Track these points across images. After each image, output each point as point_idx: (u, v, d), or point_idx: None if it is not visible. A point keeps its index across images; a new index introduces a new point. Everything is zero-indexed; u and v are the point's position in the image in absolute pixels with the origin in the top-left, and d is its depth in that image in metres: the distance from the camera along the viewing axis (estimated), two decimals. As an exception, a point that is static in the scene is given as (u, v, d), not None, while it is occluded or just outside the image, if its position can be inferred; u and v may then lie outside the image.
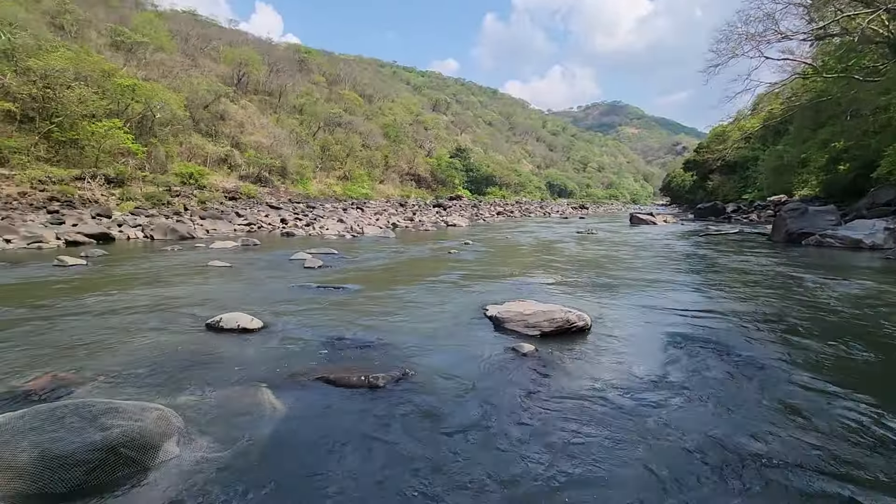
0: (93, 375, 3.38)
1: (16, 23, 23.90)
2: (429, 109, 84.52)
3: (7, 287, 6.60)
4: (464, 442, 2.55)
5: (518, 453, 2.43)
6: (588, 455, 2.42)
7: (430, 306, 5.74)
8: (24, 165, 21.34)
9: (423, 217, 27.68)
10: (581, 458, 2.39)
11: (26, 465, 1.99)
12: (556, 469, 2.29)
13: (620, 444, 2.54)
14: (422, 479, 2.19)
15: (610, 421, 2.79)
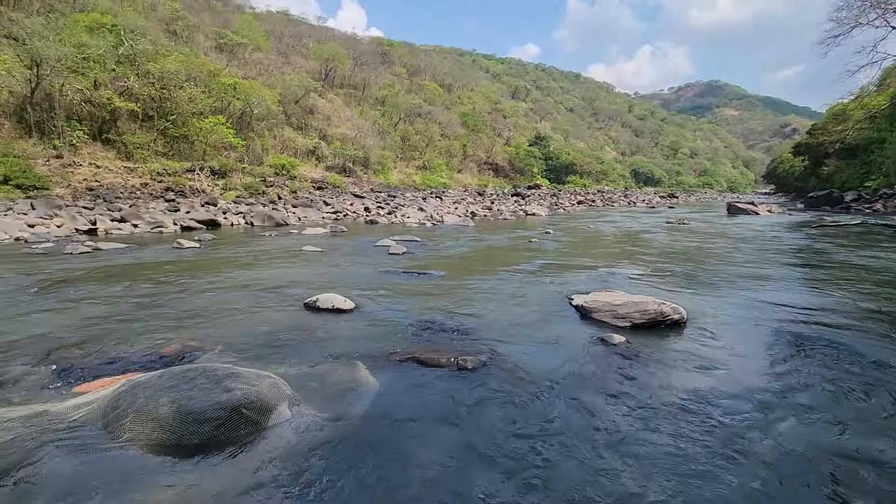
0: (211, 344, 3.76)
1: (137, 30, 26.83)
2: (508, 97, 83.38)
3: (141, 265, 7.52)
4: (549, 437, 2.49)
5: (605, 461, 2.22)
6: (685, 472, 2.17)
7: (513, 294, 5.71)
8: (146, 159, 24.09)
9: (502, 206, 27.49)
10: (677, 476, 2.14)
11: (166, 417, 2.26)
12: (648, 488, 2.05)
13: (724, 460, 2.26)
14: (501, 471, 2.17)
15: (712, 429, 2.53)
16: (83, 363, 3.30)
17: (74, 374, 3.10)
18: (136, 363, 3.34)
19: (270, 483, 2.00)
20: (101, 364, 3.30)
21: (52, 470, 2.02)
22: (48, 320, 4.35)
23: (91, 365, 3.27)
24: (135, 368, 3.21)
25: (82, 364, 3.28)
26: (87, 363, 3.30)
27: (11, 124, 21.20)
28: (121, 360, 3.41)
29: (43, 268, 6.95)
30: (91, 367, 3.22)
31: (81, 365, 3.26)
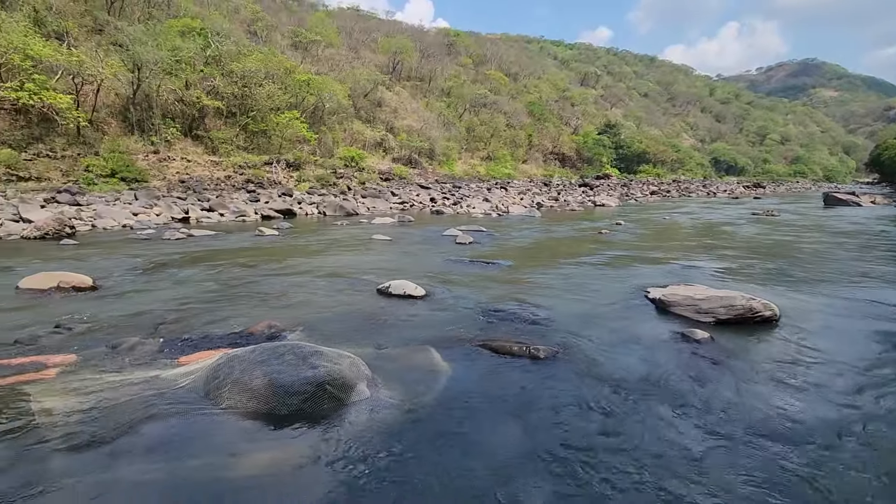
0: (293, 325, 3.99)
1: (222, 33, 28.70)
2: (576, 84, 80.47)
3: (228, 250, 8.12)
4: (621, 438, 2.41)
5: (677, 479, 2.05)
6: (783, 492, 2.03)
7: (584, 285, 5.56)
8: (229, 153, 25.84)
9: (569, 197, 26.76)
10: (775, 496, 1.99)
11: (259, 389, 2.44)
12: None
13: (830, 479, 2.11)
14: (565, 468, 2.12)
15: (813, 439, 2.32)
16: (183, 337, 3.62)
17: (176, 347, 3.42)
18: (227, 339, 3.62)
19: (351, 456, 2.10)
20: (198, 339, 3.60)
21: (165, 426, 2.25)
22: (154, 298, 4.83)
23: (189, 339, 3.58)
24: (225, 344, 3.48)
25: (182, 338, 3.60)
26: (186, 337, 3.62)
27: (117, 123, 23.55)
28: (214, 336, 3.70)
29: (147, 251, 7.70)
30: (189, 341, 3.54)
31: (181, 339, 3.58)
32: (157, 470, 1.96)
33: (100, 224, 11.13)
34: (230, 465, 2.01)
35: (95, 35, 25.48)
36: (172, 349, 3.35)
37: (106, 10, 27.78)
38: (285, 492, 1.85)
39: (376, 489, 1.88)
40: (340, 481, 1.92)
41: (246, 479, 1.92)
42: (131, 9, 28.67)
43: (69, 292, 4.87)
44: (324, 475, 1.96)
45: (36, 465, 1.94)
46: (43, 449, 2.04)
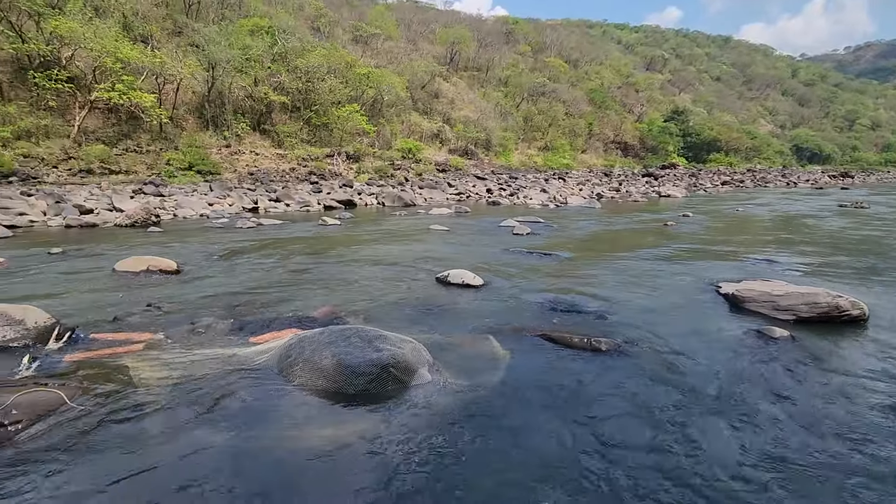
0: (355, 310, 4.13)
1: (288, 30, 29.86)
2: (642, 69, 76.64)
3: (295, 239, 8.52)
4: (691, 440, 2.30)
5: (754, 490, 2.04)
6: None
7: (649, 278, 5.35)
8: (293, 146, 26.98)
9: (631, 187, 25.71)
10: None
11: (328, 368, 2.56)
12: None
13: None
14: (625, 468, 2.06)
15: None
16: (255, 318, 3.85)
17: (249, 328, 3.64)
18: (294, 322, 3.80)
19: (412, 437, 2.16)
20: (268, 320, 3.82)
21: (242, 399, 2.42)
22: (230, 281, 5.17)
23: (261, 320, 3.80)
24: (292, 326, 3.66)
25: (254, 319, 3.83)
26: (258, 318, 3.85)
27: (193, 119, 25.23)
28: (283, 318, 3.90)
29: (222, 239, 8.24)
30: (260, 322, 3.75)
31: (254, 320, 3.81)
32: (235, 437, 2.12)
33: (180, 213, 12.02)
34: (300, 438, 2.14)
35: (175, 37, 27.33)
36: (246, 329, 3.57)
37: (185, 12, 29.67)
38: (350, 467, 1.94)
39: (433, 471, 1.93)
40: (400, 461, 1.99)
41: (314, 453, 2.03)
42: (206, 10, 30.44)
43: (157, 275, 5.31)
44: (385, 454, 2.04)
45: (137, 425, 2.16)
46: (142, 413, 2.26)
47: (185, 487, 1.78)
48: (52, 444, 2.00)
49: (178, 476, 1.84)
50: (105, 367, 2.73)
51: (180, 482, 1.81)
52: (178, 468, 1.89)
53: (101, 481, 1.79)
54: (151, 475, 1.84)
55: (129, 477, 1.82)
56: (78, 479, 1.81)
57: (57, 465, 1.88)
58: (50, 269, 5.63)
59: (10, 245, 7.33)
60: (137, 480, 1.81)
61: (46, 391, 2.22)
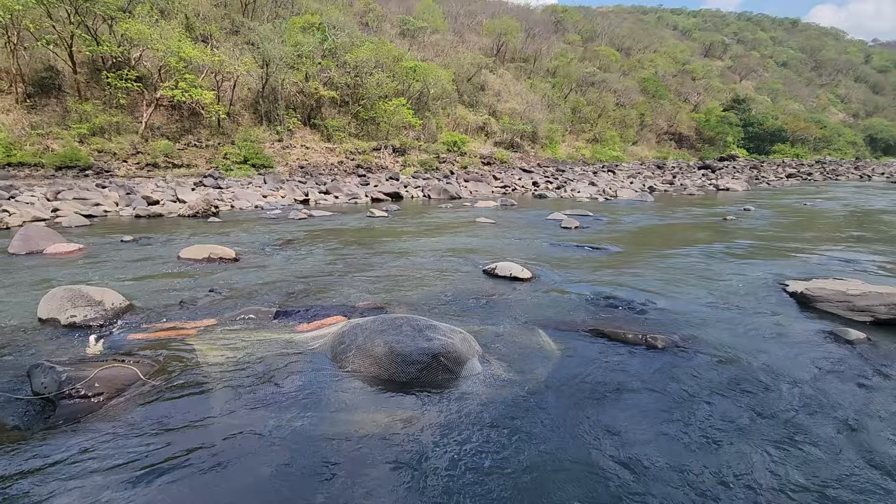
0: (403, 300, 4.18)
1: (337, 26, 30.44)
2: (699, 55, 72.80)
3: (344, 230, 8.73)
4: (753, 444, 2.18)
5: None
6: None
7: (706, 274, 5.10)
8: (342, 140, 27.58)
9: (686, 180, 24.59)
10: None
11: (381, 356, 2.61)
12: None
13: None
14: (683, 473, 1.97)
15: None
16: (308, 305, 3.97)
17: (302, 314, 3.76)
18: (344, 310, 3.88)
19: (461, 426, 2.17)
20: (320, 307, 3.93)
21: (298, 381, 2.51)
22: (283, 269, 5.36)
23: (312, 307, 3.91)
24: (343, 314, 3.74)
25: (307, 305, 3.95)
26: (310, 305, 3.96)
27: (249, 115, 26.27)
28: (328, 306, 4.00)
29: (275, 229, 8.56)
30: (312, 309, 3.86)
31: (306, 306, 3.93)
32: (291, 417, 2.20)
33: (237, 205, 12.59)
34: (352, 422, 2.19)
35: (232, 36, 28.48)
36: (299, 315, 3.69)
37: (241, 12, 30.83)
38: (398, 452, 1.97)
39: (482, 463, 1.92)
40: (448, 450, 2.00)
41: (365, 437, 2.07)
42: (262, 9, 31.51)
43: (217, 262, 5.59)
44: (435, 442, 2.05)
45: (202, 401, 2.28)
46: (206, 390, 2.39)
47: (244, 460, 1.87)
48: (128, 415, 2.15)
49: (237, 449, 1.93)
50: (172, 346, 2.91)
51: (239, 455, 1.90)
52: (237, 442, 1.98)
53: (169, 450, 1.91)
54: (213, 447, 1.94)
55: (195, 448, 1.93)
56: (150, 447, 1.93)
57: (133, 434, 2.01)
58: (123, 255, 6.04)
59: (88, 233, 7.93)
60: (201, 452, 1.91)
61: (124, 367, 2.38)
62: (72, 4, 19.14)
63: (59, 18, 19.74)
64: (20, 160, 17.36)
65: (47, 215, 9.59)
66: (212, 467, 1.84)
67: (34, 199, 11.11)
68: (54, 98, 20.44)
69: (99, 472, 1.78)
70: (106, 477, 1.76)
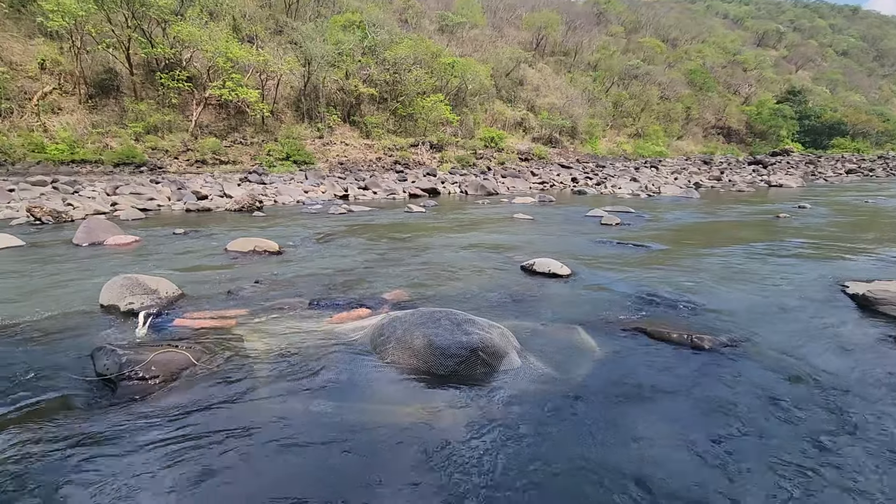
0: (440, 294, 4.20)
1: (377, 24, 30.80)
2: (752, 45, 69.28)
3: (382, 225, 8.86)
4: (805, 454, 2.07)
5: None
6: None
7: (757, 274, 4.87)
8: (380, 136, 27.92)
9: (735, 176, 23.53)
10: None
11: (419, 348, 2.63)
12: None
13: None
14: (732, 476, 1.88)
15: None
16: (347, 297, 4.05)
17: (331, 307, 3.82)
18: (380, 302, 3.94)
19: (499, 422, 2.16)
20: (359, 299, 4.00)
21: (339, 371, 2.57)
22: (325, 263, 5.50)
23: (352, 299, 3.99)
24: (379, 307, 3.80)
25: (347, 297, 4.03)
26: (350, 297, 4.04)
27: (291, 112, 27.01)
28: (371, 298, 4.07)
29: (317, 223, 8.79)
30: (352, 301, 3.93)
31: (346, 298, 4.01)
32: (331, 405, 2.25)
33: (279, 200, 12.98)
34: (391, 413, 2.22)
35: (276, 35, 29.29)
36: (339, 306, 3.77)
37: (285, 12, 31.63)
38: (436, 445, 1.98)
39: (518, 459, 1.90)
40: (485, 444, 1.99)
41: (403, 428, 2.10)
42: (304, 9, 32.22)
43: (262, 255, 5.79)
44: (472, 436, 2.05)
45: (249, 387, 2.38)
46: (253, 376, 2.49)
47: (288, 445, 1.93)
48: (181, 397, 2.27)
49: (282, 434, 2.00)
50: (218, 334, 3.03)
51: (283, 440, 1.96)
52: (282, 427, 2.05)
53: (218, 431, 2.00)
54: (259, 430, 2.02)
55: (242, 430, 2.01)
56: (201, 427, 2.03)
57: (186, 414, 2.12)
58: (175, 246, 6.36)
59: (143, 225, 8.38)
60: (248, 434, 1.99)
61: (177, 352, 2.51)
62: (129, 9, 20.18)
63: (118, 23, 20.89)
64: (83, 157, 18.51)
65: (107, 209, 10.20)
66: (257, 449, 1.91)
67: (95, 194, 11.82)
68: (113, 98, 21.67)
69: (155, 448, 1.88)
70: (162, 452, 1.86)
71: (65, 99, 20.51)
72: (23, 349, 2.88)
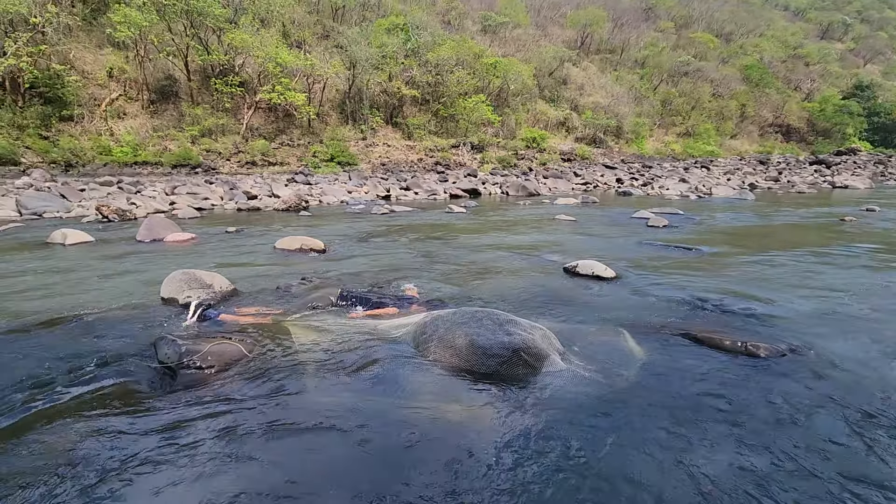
0: (480, 294, 4.20)
1: (420, 26, 31.08)
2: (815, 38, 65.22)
3: (423, 224, 8.96)
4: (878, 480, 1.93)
5: None
6: None
7: (820, 281, 4.59)
8: (422, 138, 28.16)
9: (795, 177, 22.23)
10: None
11: (461, 347, 2.64)
12: None
13: None
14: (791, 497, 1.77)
15: None
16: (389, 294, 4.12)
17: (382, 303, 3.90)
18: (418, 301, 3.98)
19: (541, 424, 2.13)
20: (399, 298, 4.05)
21: (382, 367, 2.62)
22: (367, 261, 5.61)
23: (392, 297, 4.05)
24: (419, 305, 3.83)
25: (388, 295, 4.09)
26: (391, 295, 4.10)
27: (336, 115, 27.68)
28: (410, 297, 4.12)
29: (360, 223, 8.98)
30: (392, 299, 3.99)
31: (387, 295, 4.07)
32: (377, 398, 2.30)
33: (324, 200, 13.36)
34: (432, 410, 2.24)
35: (323, 40, 30.11)
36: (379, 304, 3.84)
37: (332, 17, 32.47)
38: (477, 444, 1.98)
39: (558, 462, 1.88)
40: (526, 445, 1.97)
41: (444, 425, 2.11)
42: (350, 14, 32.96)
43: (308, 253, 5.99)
44: (512, 436, 2.04)
45: (297, 379, 2.46)
46: (300, 369, 2.57)
47: (332, 437, 1.99)
48: (235, 387, 2.38)
49: (326, 425, 2.06)
50: (268, 328, 3.16)
51: (327, 431, 2.03)
52: (326, 419, 2.11)
53: (268, 420, 2.08)
54: (307, 421, 2.09)
55: (290, 421, 2.09)
56: (253, 415, 2.12)
57: (239, 402, 2.22)
58: (228, 244, 6.66)
59: (198, 224, 8.83)
60: (296, 424, 2.07)
61: (230, 344, 2.63)
62: (188, 18, 21.30)
63: (178, 32, 22.09)
64: (144, 159, 19.68)
65: (166, 207, 10.81)
66: (304, 438, 1.98)
67: (155, 194, 12.56)
68: (172, 103, 22.92)
69: (212, 434, 1.99)
70: (216, 437, 1.96)
71: (129, 104, 21.89)
72: (94, 336, 3.10)
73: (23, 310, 3.72)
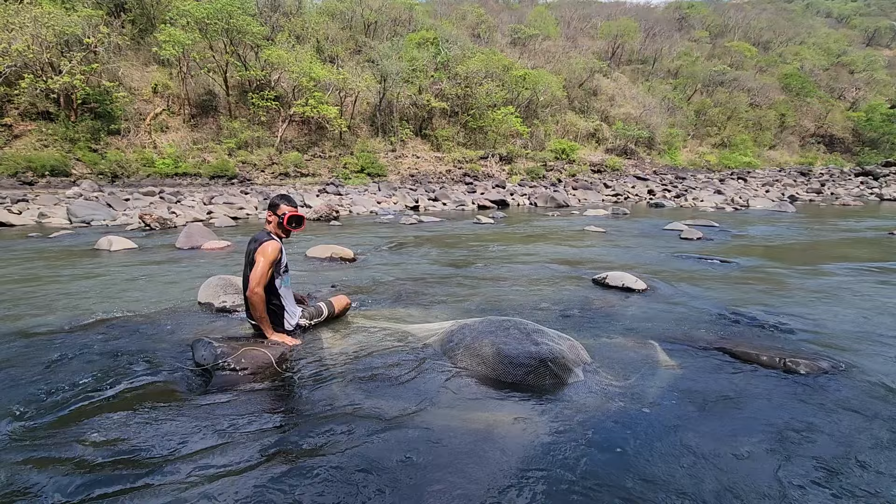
0: (507, 304, 4.19)
1: (450, 39, 31.51)
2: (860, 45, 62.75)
3: (451, 235, 9.00)
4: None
5: None
6: None
7: (865, 297, 4.38)
8: (450, 149, 28.38)
9: (839, 189, 21.31)
10: None
11: (488, 356, 2.65)
12: None
13: None
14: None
15: None
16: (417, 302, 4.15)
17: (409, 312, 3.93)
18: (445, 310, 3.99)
19: (567, 435, 2.10)
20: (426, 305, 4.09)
21: (410, 373, 2.64)
22: (396, 270, 5.68)
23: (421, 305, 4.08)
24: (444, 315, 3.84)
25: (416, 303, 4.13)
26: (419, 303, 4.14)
27: (366, 127, 28.23)
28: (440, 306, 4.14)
29: (388, 232, 9.10)
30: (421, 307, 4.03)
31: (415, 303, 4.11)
32: (404, 405, 2.31)
33: (354, 210, 13.60)
34: (459, 417, 2.24)
35: (355, 55, 30.85)
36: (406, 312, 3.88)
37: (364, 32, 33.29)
38: (502, 453, 1.97)
39: (584, 475, 1.84)
40: (552, 456, 1.95)
41: (470, 433, 2.11)
42: (382, 29, 33.73)
43: (337, 261, 6.10)
44: (538, 446, 2.02)
45: (325, 383, 2.51)
46: (329, 373, 2.62)
47: (358, 441, 2.01)
48: (266, 390, 2.45)
49: (352, 429, 2.09)
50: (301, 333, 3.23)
51: (354, 436, 2.05)
52: (353, 423, 2.14)
53: (299, 424, 2.13)
54: (334, 428, 2.12)
55: (318, 424, 2.13)
56: (284, 418, 2.18)
57: (271, 404, 2.29)
58: (260, 252, 6.85)
59: (234, 232, 9.12)
60: (323, 429, 2.10)
61: (261, 349, 2.71)
62: (228, 36, 22.24)
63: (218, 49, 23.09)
64: (184, 171, 20.51)
65: (203, 216, 11.23)
66: (330, 444, 2.01)
67: (194, 204, 13.06)
68: (211, 117, 23.89)
69: (245, 433, 2.05)
70: (248, 437, 2.02)
71: (171, 119, 22.93)
72: (136, 337, 3.25)
73: (72, 311, 3.93)
